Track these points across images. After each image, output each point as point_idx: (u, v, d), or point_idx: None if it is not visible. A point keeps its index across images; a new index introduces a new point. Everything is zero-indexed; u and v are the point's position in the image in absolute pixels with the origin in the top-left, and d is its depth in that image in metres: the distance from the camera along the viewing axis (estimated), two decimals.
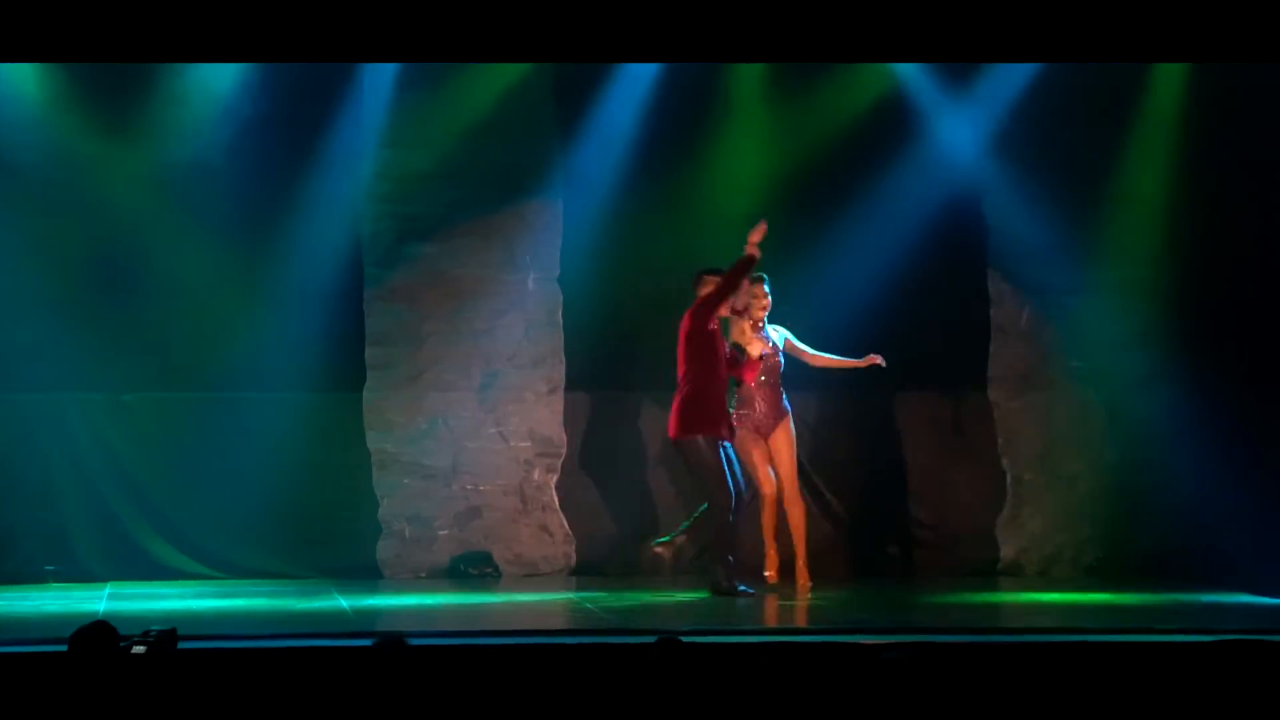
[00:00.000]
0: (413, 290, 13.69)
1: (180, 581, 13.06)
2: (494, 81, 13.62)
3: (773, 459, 12.93)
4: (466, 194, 13.71)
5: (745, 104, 14.00)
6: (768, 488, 12.88)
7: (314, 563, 13.45)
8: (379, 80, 13.57)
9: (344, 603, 11.91)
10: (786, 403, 13.00)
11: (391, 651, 7.44)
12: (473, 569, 13.62)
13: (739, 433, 12.66)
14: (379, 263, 13.68)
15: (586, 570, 13.69)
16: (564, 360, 13.82)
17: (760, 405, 12.92)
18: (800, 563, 12.97)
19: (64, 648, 7.35)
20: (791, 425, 12.98)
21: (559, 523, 13.78)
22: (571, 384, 13.81)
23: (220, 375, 13.39)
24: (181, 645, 9.22)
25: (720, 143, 14.00)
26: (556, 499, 13.78)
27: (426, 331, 13.71)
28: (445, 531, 13.61)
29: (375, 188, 13.69)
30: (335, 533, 13.54)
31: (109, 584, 12.87)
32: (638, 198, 13.84)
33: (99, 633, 7.32)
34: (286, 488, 13.45)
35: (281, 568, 13.40)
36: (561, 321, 13.83)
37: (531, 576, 13.60)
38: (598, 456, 13.82)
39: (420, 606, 11.95)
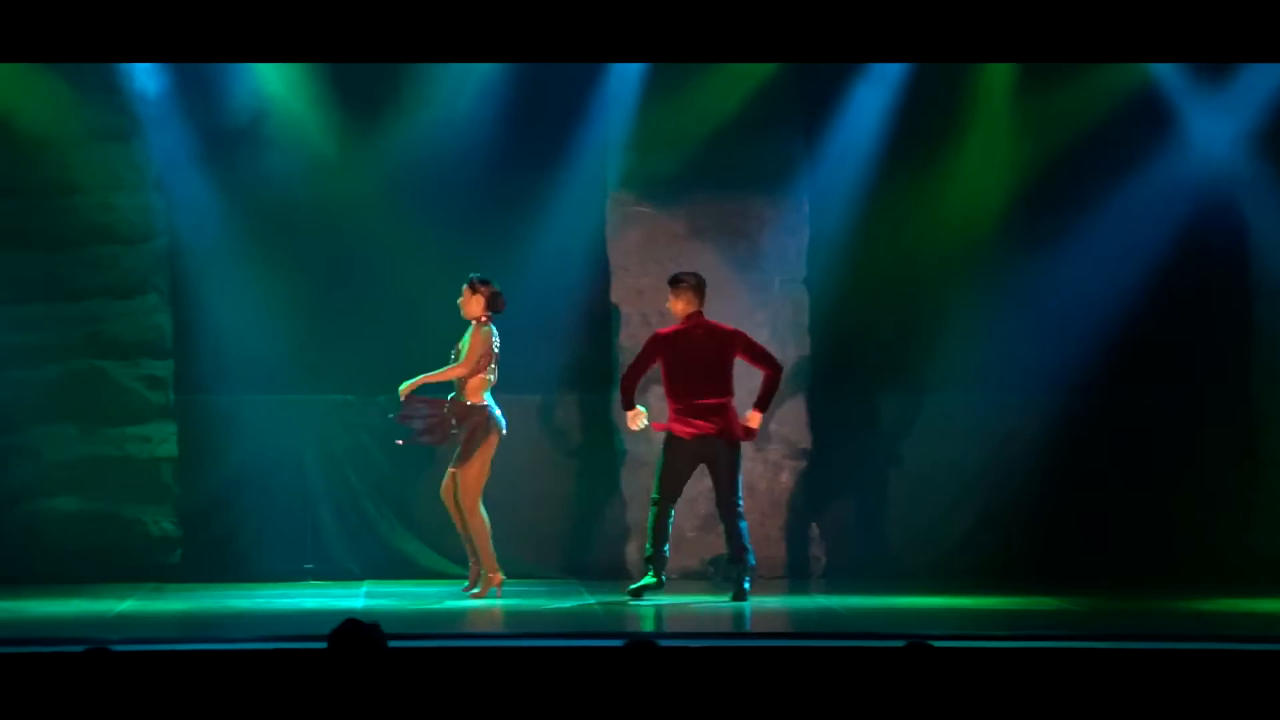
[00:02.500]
0: (658, 292, 13.75)
1: (434, 580, 13.24)
2: (739, 82, 13.62)
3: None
4: (711, 196, 13.74)
5: (992, 103, 13.88)
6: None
7: (563, 563, 13.58)
8: (624, 82, 13.65)
9: (594, 602, 12.01)
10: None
11: (641, 653, 7.49)
12: (722, 571, 13.65)
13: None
14: (627, 265, 13.76)
15: (836, 573, 13.66)
16: (811, 362, 13.81)
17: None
18: (475, 569, 12.34)
19: (323, 644, 7.49)
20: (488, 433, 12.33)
21: (808, 525, 13.78)
22: (819, 385, 13.79)
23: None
24: (437, 644, 9.40)
25: (967, 142, 13.90)
26: (804, 501, 13.78)
27: None
28: (694, 534, 13.65)
29: (621, 190, 13.79)
30: (584, 534, 13.65)
31: (365, 582, 13.10)
32: (883, 198, 13.79)
33: (358, 630, 7.45)
34: (536, 488, 13.58)
35: (531, 568, 13.53)
36: (808, 323, 13.82)
37: (781, 579, 13.60)
38: (848, 457, 13.79)
39: (669, 608, 12.01)
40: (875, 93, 13.78)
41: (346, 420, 13.62)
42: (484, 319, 12.37)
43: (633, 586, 12.19)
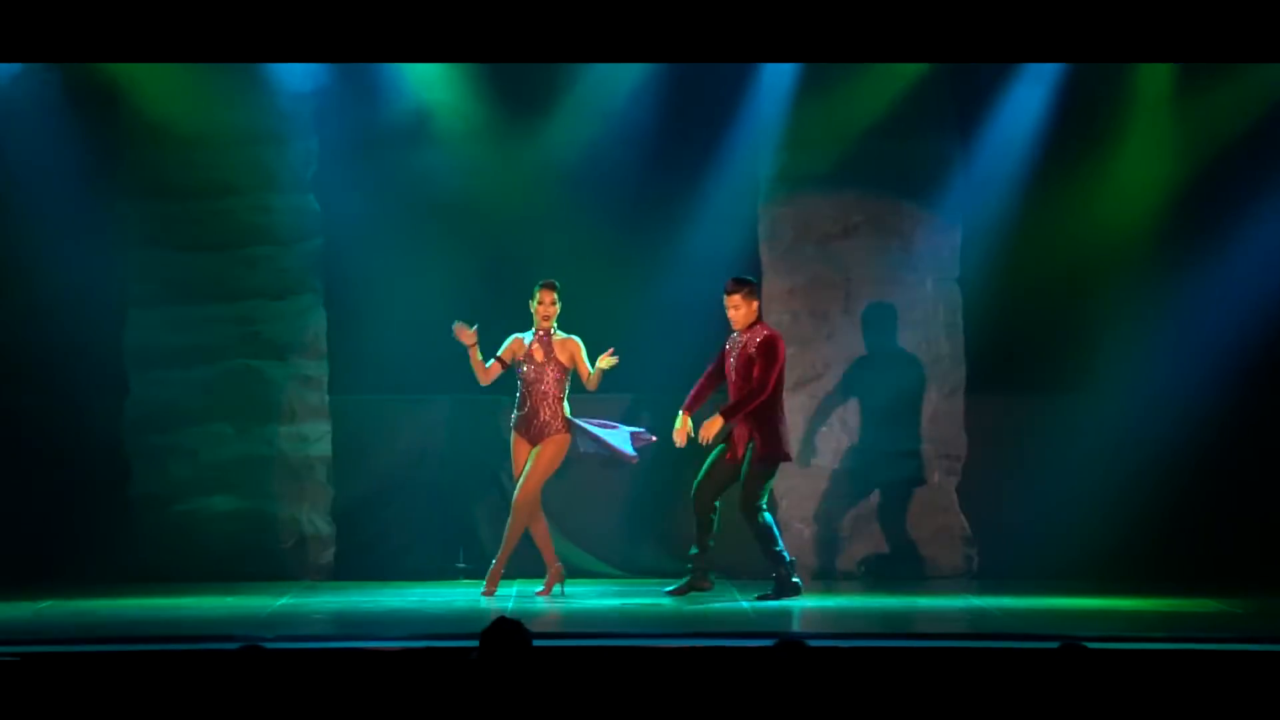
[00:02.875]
0: (810, 291, 13.73)
1: (585, 580, 13.26)
2: (892, 81, 13.57)
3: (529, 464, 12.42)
4: (864, 195, 13.70)
5: (1150, 104, 13.70)
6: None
7: (714, 563, 13.54)
8: (776, 82, 13.62)
9: (744, 604, 11.99)
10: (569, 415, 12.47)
11: (791, 653, 7.46)
12: (873, 570, 13.60)
13: (516, 437, 12.47)
14: (776, 265, 13.74)
15: (990, 573, 13.56)
16: (964, 362, 13.72)
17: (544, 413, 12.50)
18: (498, 567, 12.47)
19: (475, 643, 7.52)
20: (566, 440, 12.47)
21: (960, 525, 13.69)
22: (972, 386, 13.70)
23: (620, 376, 13.49)
24: (585, 643, 9.41)
25: (1124, 142, 13.75)
26: (957, 501, 13.70)
27: (824, 333, 13.74)
28: (847, 533, 13.61)
29: (773, 190, 13.77)
30: (732, 534, 13.60)
31: (516, 582, 13.14)
32: (1038, 198, 13.67)
33: (509, 630, 7.48)
34: (682, 488, 13.57)
35: (680, 567, 13.51)
36: (961, 323, 13.73)
37: (933, 579, 13.52)
38: (1000, 458, 13.67)
39: (821, 608, 11.96)
40: (1030, 92, 13.67)
41: (497, 421, 13.67)
42: None
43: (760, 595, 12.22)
